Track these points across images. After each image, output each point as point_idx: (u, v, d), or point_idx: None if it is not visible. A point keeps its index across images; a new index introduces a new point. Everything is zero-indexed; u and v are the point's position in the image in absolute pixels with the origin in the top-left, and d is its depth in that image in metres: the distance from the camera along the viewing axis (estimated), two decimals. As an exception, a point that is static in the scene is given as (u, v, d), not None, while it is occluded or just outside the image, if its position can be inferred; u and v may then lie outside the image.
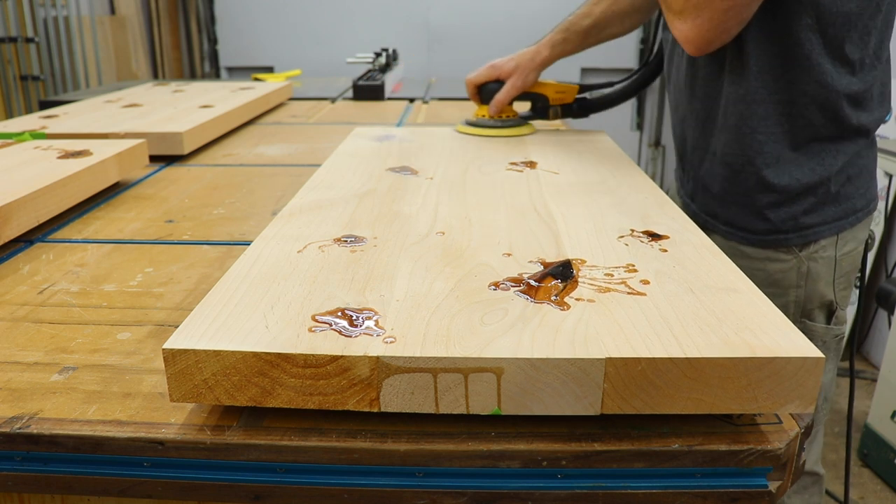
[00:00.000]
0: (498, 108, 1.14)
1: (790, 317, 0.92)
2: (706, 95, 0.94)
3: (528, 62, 1.12)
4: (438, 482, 0.46)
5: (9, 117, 2.68)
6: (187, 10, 3.85)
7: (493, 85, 1.14)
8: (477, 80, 1.15)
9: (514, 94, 1.13)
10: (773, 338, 0.45)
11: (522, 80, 1.13)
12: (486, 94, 1.15)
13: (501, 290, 0.53)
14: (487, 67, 1.14)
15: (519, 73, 1.13)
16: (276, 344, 0.45)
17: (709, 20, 0.79)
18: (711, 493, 0.46)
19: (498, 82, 1.14)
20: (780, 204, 0.90)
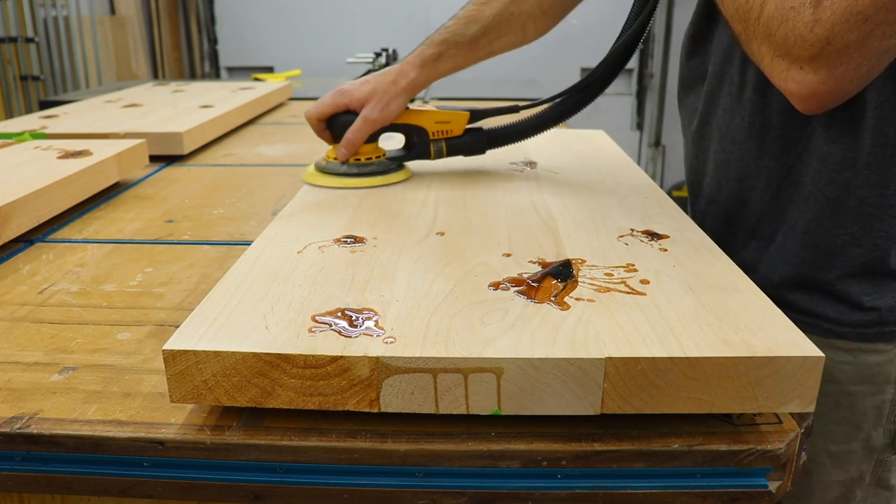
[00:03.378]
0: (350, 149, 0.83)
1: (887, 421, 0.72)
2: (784, 151, 0.70)
3: (389, 86, 0.82)
4: (438, 482, 0.46)
5: (9, 117, 2.68)
6: (187, 10, 3.85)
7: (344, 117, 0.83)
8: (322, 112, 0.83)
9: (371, 130, 0.82)
10: (773, 337, 0.45)
11: (380, 111, 0.81)
12: (336, 129, 0.84)
13: (501, 290, 0.53)
14: (335, 93, 0.84)
15: (376, 102, 0.81)
16: (276, 344, 0.45)
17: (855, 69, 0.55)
18: (711, 493, 0.46)
19: (350, 114, 0.83)
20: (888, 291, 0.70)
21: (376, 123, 0.82)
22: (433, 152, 0.87)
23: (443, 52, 0.83)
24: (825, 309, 0.71)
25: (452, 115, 0.87)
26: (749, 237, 0.76)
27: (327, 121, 0.84)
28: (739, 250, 0.76)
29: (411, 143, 0.88)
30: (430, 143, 0.86)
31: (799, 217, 0.70)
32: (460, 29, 0.83)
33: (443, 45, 0.83)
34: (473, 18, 0.84)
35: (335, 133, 0.85)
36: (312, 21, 3.87)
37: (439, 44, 0.83)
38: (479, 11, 0.84)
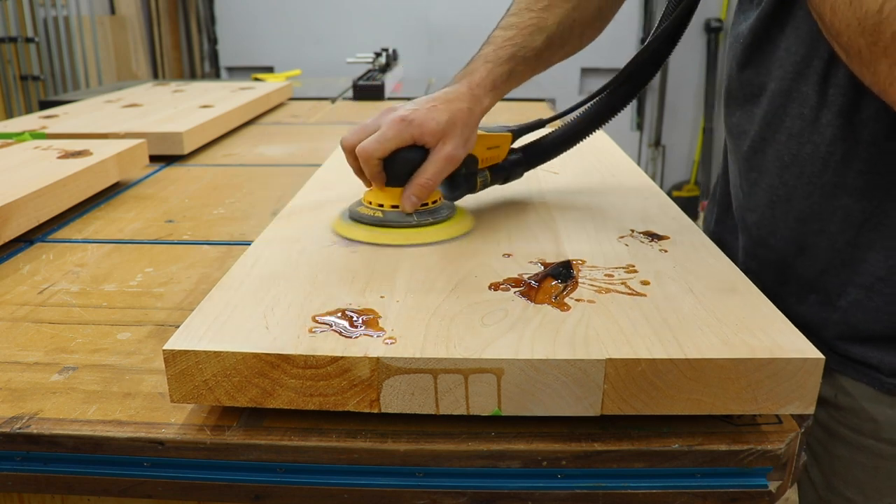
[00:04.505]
0: (423, 195, 0.64)
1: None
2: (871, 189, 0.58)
3: (467, 115, 0.64)
4: (438, 482, 0.46)
5: (9, 117, 2.68)
6: (187, 10, 3.85)
7: (409, 154, 0.63)
8: (386, 149, 0.62)
9: (451, 171, 0.65)
10: (774, 338, 0.46)
11: (464, 147, 0.64)
12: (399, 168, 0.64)
13: (501, 291, 0.53)
14: (396, 122, 0.62)
15: (458, 135, 0.63)
16: (276, 345, 0.45)
17: None
18: (711, 493, 0.46)
19: (416, 149, 0.63)
20: None
21: (458, 162, 0.65)
22: (479, 184, 0.72)
23: (512, 69, 0.69)
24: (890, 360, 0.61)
25: (500, 139, 0.72)
26: (806, 290, 0.64)
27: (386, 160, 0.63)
28: (793, 305, 0.64)
29: (458, 175, 0.69)
30: (478, 173, 0.71)
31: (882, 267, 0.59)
32: (526, 41, 0.70)
33: (512, 62, 0.69)
34: (537, 28, 0.71)
35: (396, 172, 0.64)
36: (312, 21, 3.86)
37: (508, 60, 0.69)
38: (541, 19, 0.71)
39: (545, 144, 0.76)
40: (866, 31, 0.46)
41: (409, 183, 0.64)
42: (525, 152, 0.75)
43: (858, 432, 0.63)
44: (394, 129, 0.62)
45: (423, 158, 0.63)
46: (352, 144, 0.64)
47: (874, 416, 0.61)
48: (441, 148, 0.63)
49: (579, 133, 0.74)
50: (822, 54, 0.58)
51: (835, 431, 0.64)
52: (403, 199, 0.64)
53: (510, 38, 0.70)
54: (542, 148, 0.76)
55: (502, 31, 0.71)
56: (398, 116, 0.62)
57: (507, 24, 0.72)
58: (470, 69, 0.69)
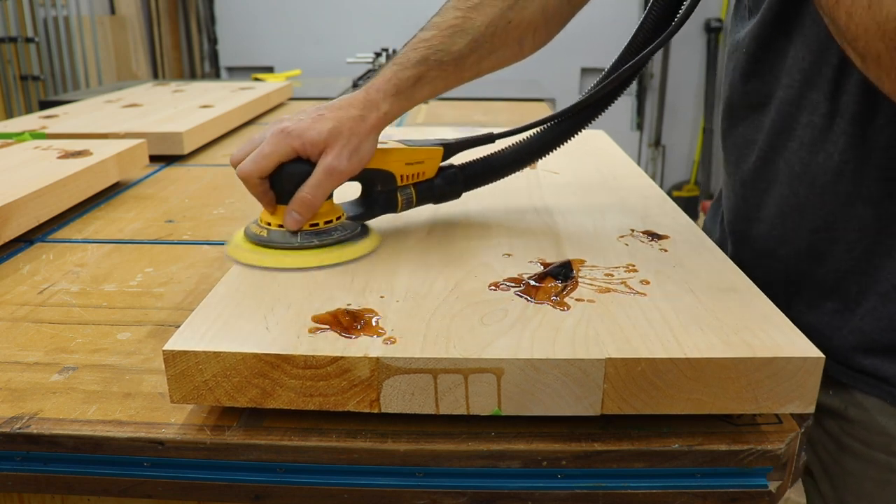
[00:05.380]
0: (306, 212, 0.58)
1: None
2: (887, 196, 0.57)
3: (356, 123, 0.59)
4: (438, 482, 0.46)
5: (9, 117, 2.68)
6: (187, 10, 3.85)
7: (293, 168, 0.58)
8: (264, 168, 0.58)
9: (336, 185, 0.59)
10: (773, 338, 0.46)
11: (349, 158, 0.58)
12: (283, 183, 0.59)
13: (501, 291, 0.53)
14: (277, 134, 0.57)
15: (342, 146, 0.58)
16: (276, 345, 0.45)
17: None
18: (711, 493, 0.46)
19: (302, 162, 0.58)
20: None
21: (344, 176, 0.58)
22: (401, 203, 0.65)
23: (422, 74, 0.62)
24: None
25: (425, 153, 0.65)
26: (821, 298, 0.63)
27: (271, 175, 0.58)
28: (802, 313, 0.62)
29: (373, 192, 0.64)
30: (398, 190, 0.64)
31: None
32: (444, 43, 0.63)
33: (422, 66, 0.62)
34: (460, 29, 0.63)
35: (281, 189, 0.59)
36: (312, 21, 3.86)
37: (417, 63, 0.62)
38: (466, 20, 0.64)
39: (491, 163, 0.69)
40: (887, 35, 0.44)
41: (292, 199, 0.58)
42: (465, 170, 0.68)
43: (869, 446, 0.61)
44: (272, 142, 0.57)
45: (309, 173, 0.58)
46: (236, 162, 0.60)
47: (886, 429, 0.60)
48: (322, 159, 0.57)
49: (533, 153, 0.69)
50: (831, 61, 0.57)
51: (845, 444, 0.63)
52: (285, 215, 0.59)
53: (426, 39, 0.64)
54: (486, 166, 0.69)
55: (421, 33, 0.65)
56: (278, 129, 0.58)
57: (428, 26, 0.65)
58: (377, 73, 0.63)
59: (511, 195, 0.79)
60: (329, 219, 0.61)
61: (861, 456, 0.62)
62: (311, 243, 0.59)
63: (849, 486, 0.64)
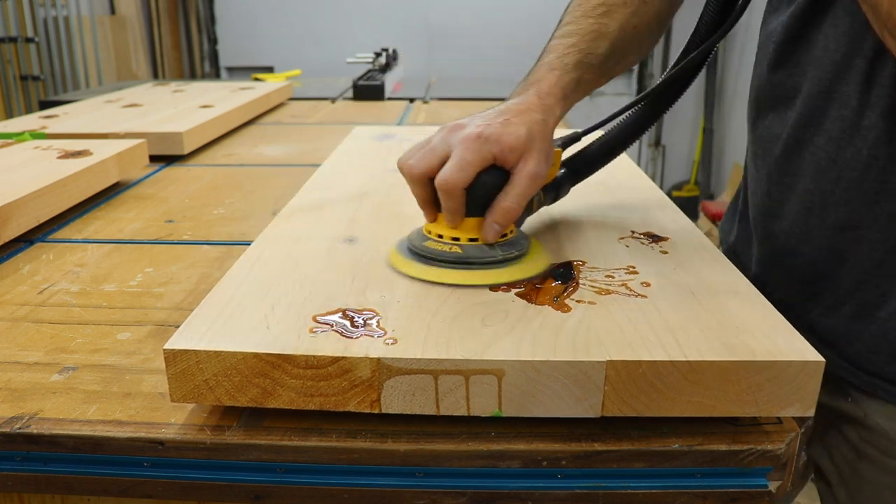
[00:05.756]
0: (507, 222, 0.55)
1: None
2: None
3: (543, 127, 0.57)
4: (438, 482, 0.46)
5: (9, 117, 2.68)
6: (187, 10, 3.85)
7: (489, 177, 0.54)
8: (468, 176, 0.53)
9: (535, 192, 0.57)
10: (774, 341, 0.46)
11: (547, 163, 0.57)
12: (479, 197, 0.55)
13: (502, 292, 0.53)
14: (474, 139, 0.53)
15: (538, 151, 0.55)
16: (276, 345, 0.45)
17: None
18: (711, 493, 0.46)
19: (496, 171, 0.55)
20: None
21: (543, 182, 0.57)
22: (535, 205, 0.64)
23: (581, 76, 0.62)
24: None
25: (557, 156, 0.65)
26: (841, 301, 0.61)
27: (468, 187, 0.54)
28: (822, 315, 0.62)
29: None
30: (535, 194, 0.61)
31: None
32: (590, 47, 0.63)
33: (580, 69, 0.62)
34: (599, 34, 0.64)
35: (478, 201, 0.55)
36: (312, 21, 3.86)
37: (575, 67, 0.62)
38: (602, 24, 0.65)
39: (588, 156, 0.70)
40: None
41: (491, 209, 0.55)
42: (568, 167, 0.69)
43: (889, 455, 0.61)
44: (472, 149, 0.53)
45: (504, 181, 0.55)
46: (422, 172, 0.55)
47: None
48: (524, 166, 0.54)
49: (622, 142, 0.69)
50: (865, 52, 0.55)
51: (864, 452, 0.62)
52: (485, 227, 0.55)
53: (573, 44, 0.63)
54: (585, 160, 0.70)
55: (562, 39, 0.64)
56: (472, 133, 0.54)
57: (565, 32, 0.65)
58: (534, 78, 0.62)
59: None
60: (512, 228, 0.58)
61: (880, 464, 0.61)
62: (511, 254, 0.56)
63: (865, 495, 0.63)
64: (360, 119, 1.66)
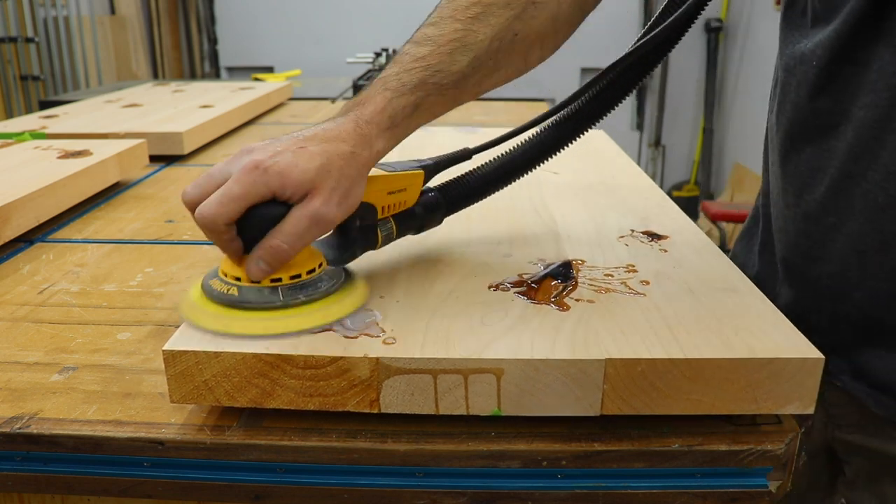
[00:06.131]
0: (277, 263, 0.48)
1: None
2: None
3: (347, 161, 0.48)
4: (438, 482, 0.46)
5: (9, 117, 2.68)
6: (187, 10, 3.85)
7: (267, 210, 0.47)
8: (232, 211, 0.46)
9: (319, 236, 0.49)
10: (773, 338, 0.46)
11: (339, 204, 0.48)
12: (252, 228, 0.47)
13: (501, 291, 0.53)
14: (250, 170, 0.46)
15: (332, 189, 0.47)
16: (276, 345, 0.45)
17: None
18: (711, 493, 0.46)
19: (276, 205, 0.47)
20: None
21: (331, 225, 0.48)
22: (381, 238, 0.55)
23: (420, 101, 0.52)
24: None
25: (406, 179, 0.56)
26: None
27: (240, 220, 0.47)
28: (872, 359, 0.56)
29: (351, 229, 0.53)
30: (378, 224, 0.55)
31: None
32: (443, 62, 0.53)
33: (420, 91, 0.52)
34: (461, 44, 0.54)
35: (251, 237, 0.47)
36: (312, 21, 3.87)
37: (414, 89, 0.52)
38: (468, 33, 0.54)
39: (472, 182, 0.60)
40: None
41: (258, 245, 0.47)
42: (445, 192, 0.60)
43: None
44: (244, 181, 0.45)
45: None
46: (193, 203, 0.48)
47: None
48: (306, 204, 0.46)
49: (519, 168, 0.61)
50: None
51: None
52: (249, 263, 0.47)
53: (422, 57, 0.53)
54: (468, 186, 0.60)
55: (414, 48, 0.54)
56: (250, 163, 0.46)
57: (421, 37, 0.55)
58: (363, 96, 0.52)
59: (511, 195, 0.79)
60: (311, 267, 0.50)
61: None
62: (296, 300, 0.48)
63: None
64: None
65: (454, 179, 0.61)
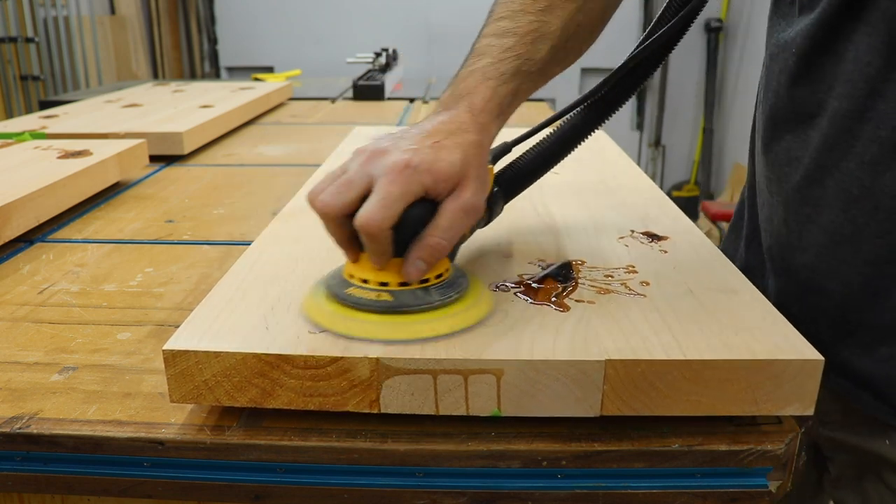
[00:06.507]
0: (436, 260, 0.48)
1: None
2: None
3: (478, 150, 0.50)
4: (438, 482, 0.46)
5: (9, 117, 2.68)
6: (187, 10, 3.85)
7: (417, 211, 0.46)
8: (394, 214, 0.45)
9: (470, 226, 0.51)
10: (774, 340, 0.46)
11: (483, 193, 0.50)
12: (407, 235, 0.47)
13: (501, 291, 0.53)
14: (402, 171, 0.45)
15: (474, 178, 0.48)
16: (276, 345, 0.45)
17: None
18: (711, 493, 0.46)
19: (424, 204, 0.47)
20: None
21: (480, 214, 0.50)
22: (468, 232, 0.55)
23: (517, 88, 0.54)
24: None
25: (490, 173, 0.55)
26: (878, 342, 0.55)
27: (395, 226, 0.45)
28: (851, 356, 0.56)
29: None
30: None
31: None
32: (529, 51, 0.55)
33: (517, 79, 0.54)
34: (539, 34, 0.56)
35: (405, 240, 0.47)
36: (312, 21, 3.87)
37: (512, 77, 0.54)
38: (543, 23, 0.56)
39: (520, 170, 0.61)
40: None
41: (415, 243, 0.46)
42: (500, 184, 0.60)
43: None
44: (399, 182, 0.45)
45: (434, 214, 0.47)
46: (337, 210, 0.46)
47: None
48: (458, 196, 0.47)
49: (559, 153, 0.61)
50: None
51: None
52: (408, 264, 0.47)
53: (510, 47, 0.55)
54: (517, 175, 0.61)
55: (497, 40, 0.55)
56: (399, 163, 0.45)
57: (500, 30, 0.56)
58: (465, 87, 0.53)
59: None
60: (447, 266, 0.50)
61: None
62: (449, 297, 0.48)
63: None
64: (360, 119, 1.66)
65: (504, 170, 0.61)
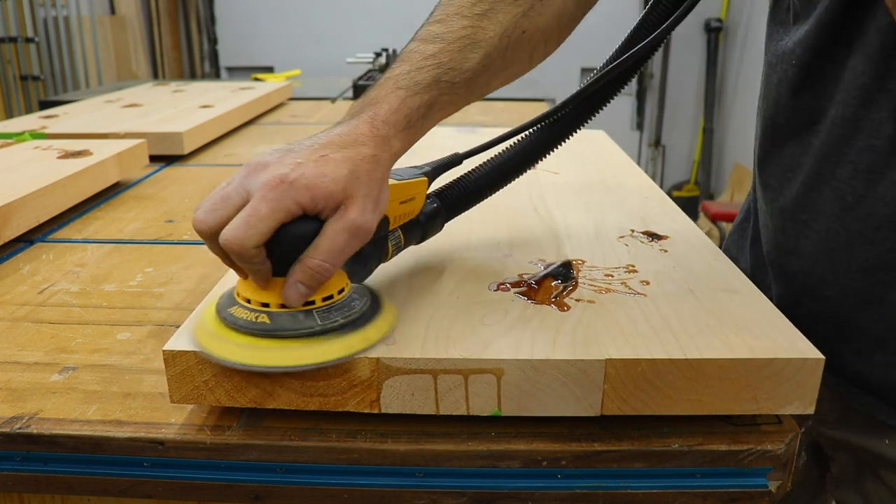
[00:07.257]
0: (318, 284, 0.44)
1: None
2: None
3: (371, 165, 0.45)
4: (438, 482, 0.46)
5: (9, 117, 2.68)
6: (187, 10, 3.85)
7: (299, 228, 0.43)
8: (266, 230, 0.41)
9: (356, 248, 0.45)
10: (773, 339, 0.46)
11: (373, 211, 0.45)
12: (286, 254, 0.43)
13: (501, 291, 0.53)
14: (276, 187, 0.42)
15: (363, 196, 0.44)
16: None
17: None
18: (711, 493, 0.46)
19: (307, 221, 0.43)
20: None
21: (369, 235, 0.45)
22: (391, 250, 0.53)
23: (434, 100, 0.50)
24: None
25: (415, 187, 0.53)
26: (873, 347, 0.55)
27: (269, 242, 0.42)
28: (850, 359, 0.57)
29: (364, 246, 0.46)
30: (388, 236, 0.52)
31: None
32: (454, 59, 0.51)
33: (433, 90, 0.50)
34: (471, 41, 0.51)
35: (282, 258, 0.43)
36: (312, 21, 3.87)
37: (428, 87, 0.49)
38: (476, 30, 0.52)
39: (467, 186, 0.58)
40: None
41: (294, 266, 0.43)
42: (442, 199, 0.57)
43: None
44: (269, 199, 0.41)
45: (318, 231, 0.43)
46: (210, 228, 0.43)
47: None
48: (342, 215, 0.43)
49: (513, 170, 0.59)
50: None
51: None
52: (286, 288, 0.43)
53: (431, 55, 0.50)
54: (463, 191, 0.58)
55: (422, 45, 0.51)
56: (273, 178, 0.42)
57: (429, 35, 0.52)
58: (375, 96, 0.49)
59: (511, 195, 0.79)
60: (340, 287, 0.46)
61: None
62: (333, 323, 0.44)
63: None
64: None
65: (450, 185, 0.59)
